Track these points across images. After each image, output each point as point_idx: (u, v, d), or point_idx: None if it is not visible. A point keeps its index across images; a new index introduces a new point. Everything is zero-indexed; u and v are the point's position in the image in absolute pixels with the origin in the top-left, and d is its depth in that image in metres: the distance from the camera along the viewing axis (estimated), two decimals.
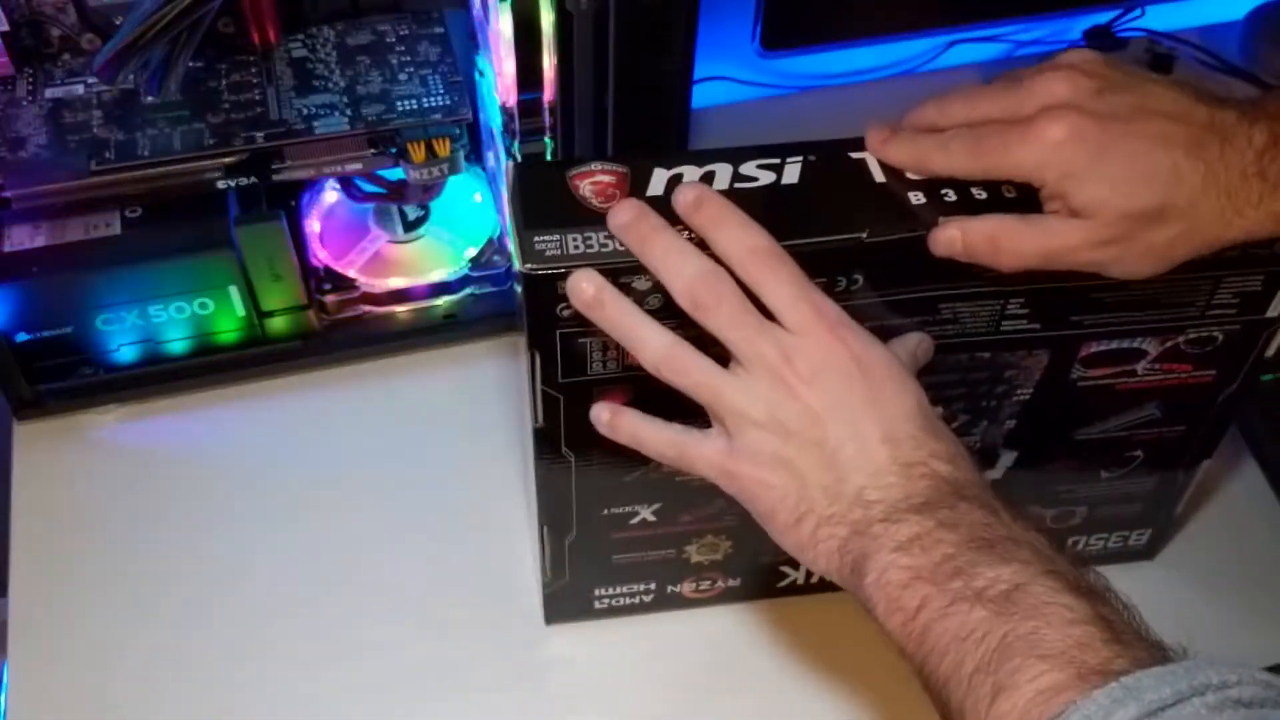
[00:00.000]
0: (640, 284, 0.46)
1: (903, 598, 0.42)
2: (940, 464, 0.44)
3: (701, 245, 0.46)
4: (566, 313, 0.46)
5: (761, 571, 0.63)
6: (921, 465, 0.44)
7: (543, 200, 0.47)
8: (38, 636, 0.63)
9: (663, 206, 0.46)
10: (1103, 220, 0.46)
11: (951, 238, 0.47)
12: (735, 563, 0.62)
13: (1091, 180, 0.46)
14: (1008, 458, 0.59)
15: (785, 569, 0.63)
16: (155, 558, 0.66)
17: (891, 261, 0.48)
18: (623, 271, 0.45)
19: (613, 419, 0.49)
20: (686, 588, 0.63)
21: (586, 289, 0.45)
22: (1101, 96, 0.47)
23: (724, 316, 0.45)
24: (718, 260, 0.45)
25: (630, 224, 0.46)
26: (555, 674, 0.63)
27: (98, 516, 0.68)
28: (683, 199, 0.46)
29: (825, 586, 0.62)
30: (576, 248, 0.45)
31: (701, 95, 0.66)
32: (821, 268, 0.47)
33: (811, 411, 0.45)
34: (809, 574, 0.63)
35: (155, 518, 0.68)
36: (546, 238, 0.46)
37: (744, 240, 0.45)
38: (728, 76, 0.88)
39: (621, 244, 0.46)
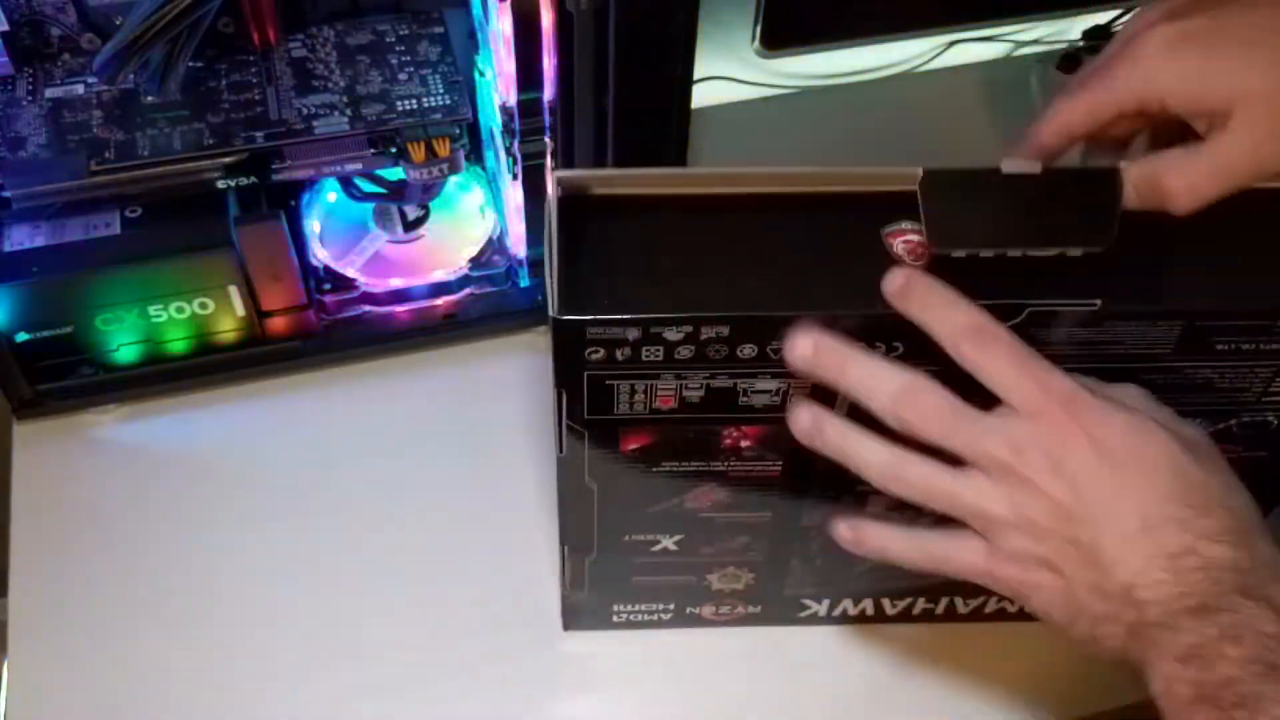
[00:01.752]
0: (671, 334, 0.45)
1: (1191, 714, 0.40)
2: (1213, 547, 0.40)
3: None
4: (595, 356, 0.46)
5: (784, 602, 0.62)
6: (1191, 554, 0.40)
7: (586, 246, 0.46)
8: (38, 636, 0.63)
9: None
10: (1254, 101, 0.42)
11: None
12: (757, 593, 0.61)
13: (1214, 70, 0.43)
14: None
15: (807, 601, 0.62)
16: (155, 557, 0.66)
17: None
18: (653, 323, 0.45)
19: (857, 536, 0.47)
20: (706, 610, 0.63)
21: (804, 418, 0.45)
22: (1173, 10, 0.45)
23: (936, 429, 0.43)
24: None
25: (813, 356, 0.43)
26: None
27: (98, 516, 0.68)
28: (891, 285, 0.43)
29: (847, 619, 0.63)
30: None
31: (701, 95, 0.66)
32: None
33: (1059, 506, 0.42)
34: (830, 607, 0.63)
35: (155, 518, 0.68)
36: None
37: (954, 319, 0.42)
38: (728, 76, 0.88)
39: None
